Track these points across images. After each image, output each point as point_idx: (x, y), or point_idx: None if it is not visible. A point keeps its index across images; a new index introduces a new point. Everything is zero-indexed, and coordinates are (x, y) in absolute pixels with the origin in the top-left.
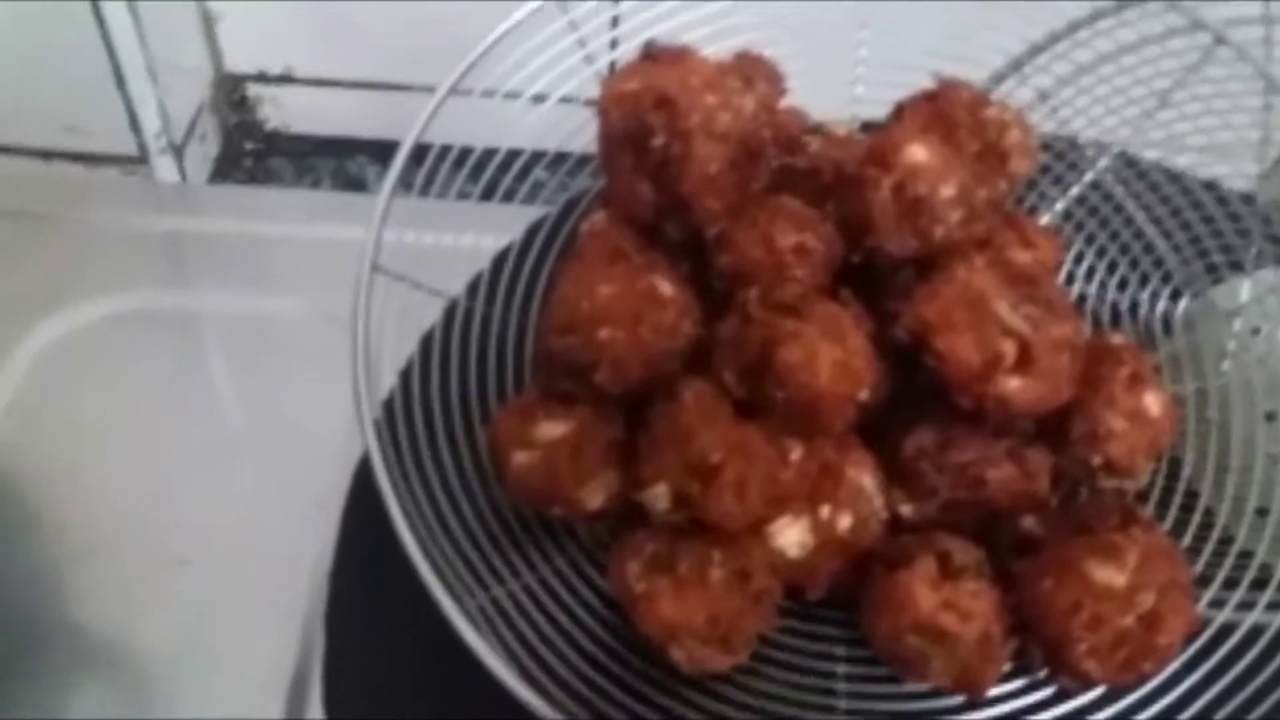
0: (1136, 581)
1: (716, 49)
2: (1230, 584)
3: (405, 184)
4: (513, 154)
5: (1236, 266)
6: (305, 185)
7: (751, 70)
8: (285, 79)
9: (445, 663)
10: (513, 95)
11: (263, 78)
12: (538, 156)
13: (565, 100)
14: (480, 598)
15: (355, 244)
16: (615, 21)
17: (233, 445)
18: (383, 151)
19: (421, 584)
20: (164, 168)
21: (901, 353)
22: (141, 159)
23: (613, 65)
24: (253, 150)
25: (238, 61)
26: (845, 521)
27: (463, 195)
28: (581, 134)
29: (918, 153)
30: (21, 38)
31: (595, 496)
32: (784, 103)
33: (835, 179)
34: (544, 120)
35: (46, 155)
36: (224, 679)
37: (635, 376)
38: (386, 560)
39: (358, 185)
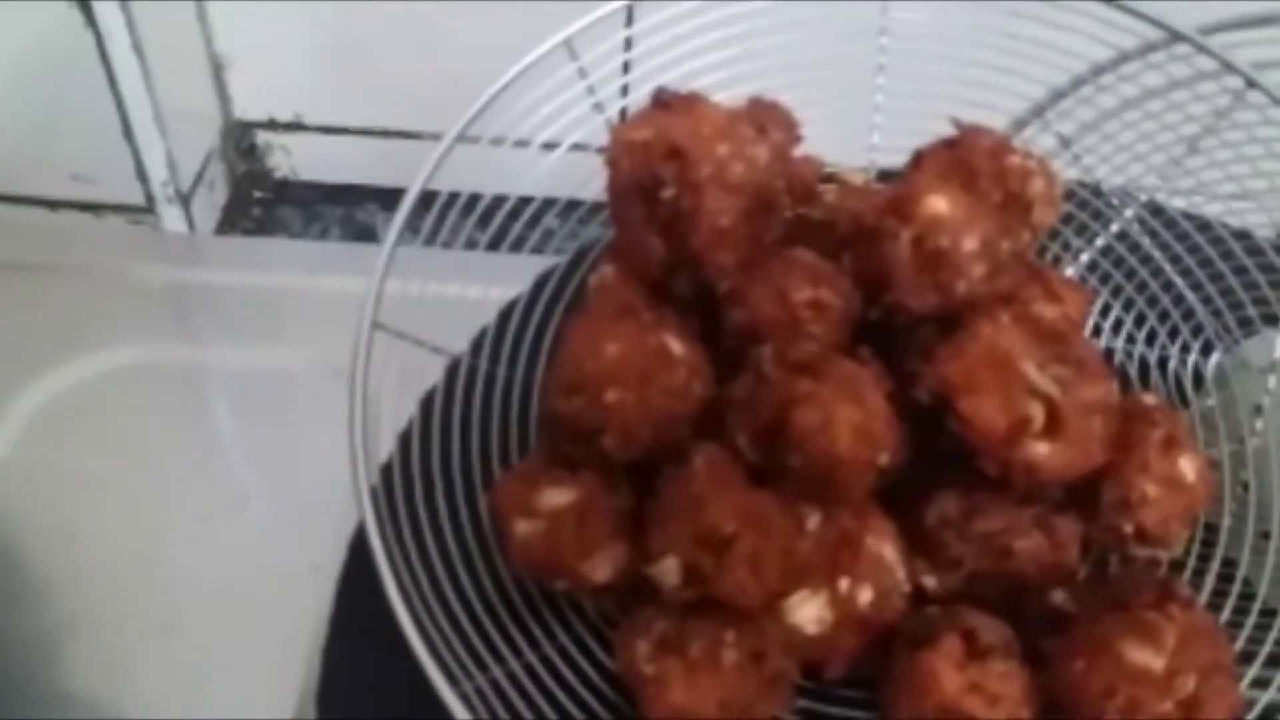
0: (1175, 664)
1: (729, 95)
2: (1274, 661)
3: (413, 230)
4: (523, 201)
5: (1270, 319)
6: (314, 233)
7: (765, 117)
8: (295, 126)
9: None
10: (522, 143)
11: (272, 125)
12: (548, 204)
13: (576, 147)
14: (479, 679)
15: (363, 296)
16: (626, 67)
17: (231, 504)
18: (393, 199)
19: (417, 662)
20: (171, 217)
21: (923, 415)
22: (148, 208)
23: (623, 112)
24: (261, 199)
25: (246, 109)
26: (865, 595)
27: (470, 244)
28: (592, 182)
29: (938, 203)
30: (28, 86)
31: (601, 569)
32: (798, 151)
33: (852, 231)
34: (554, 167)
35: (53, 205)
36: None
37: (644, 441)
38: (382, 635)
39: (367, 234)
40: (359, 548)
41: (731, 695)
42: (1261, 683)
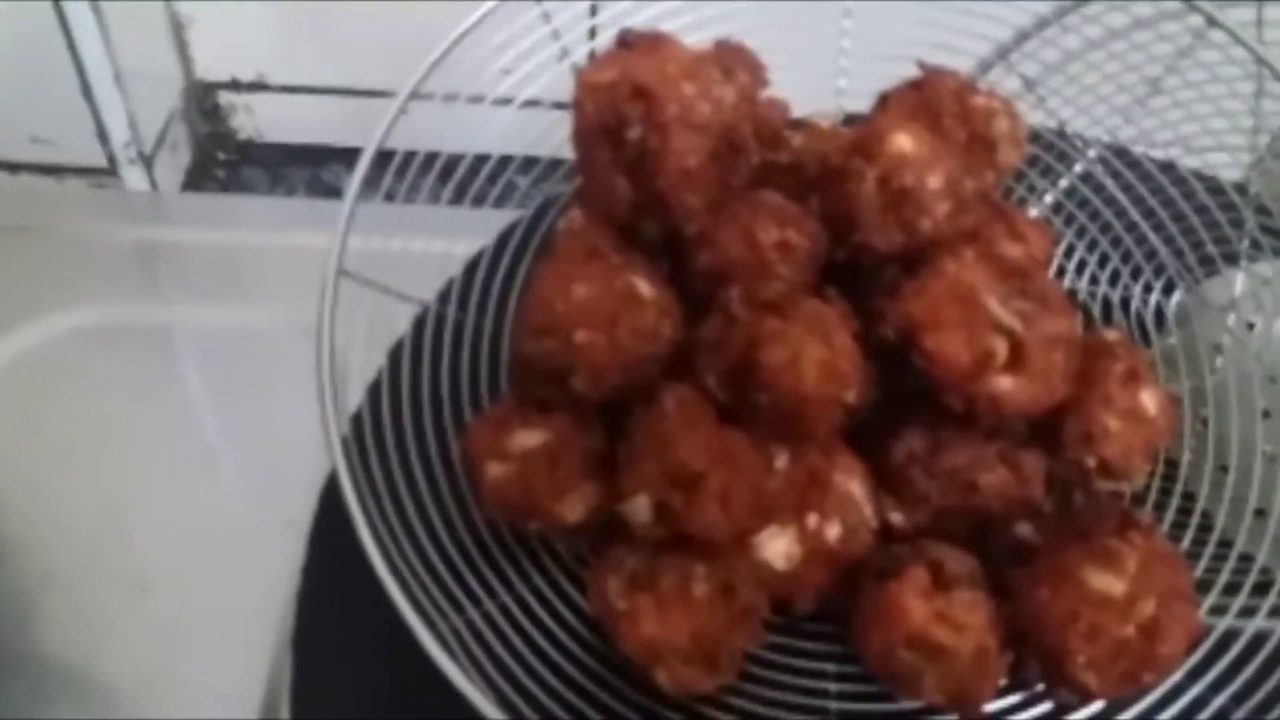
0: (1136, 589)
1: (696, 39)
2: (1231, 589)
3: (375, 187)
4: (484, 158)
5: (1231, 259)
6: (280, 194)
7: (731, 60)
8: (258, 86)
9: (419, 688)
10: (482, 97)
11: (235, 85)
12: (510, 159)
13: (537, 101)
14: (454, 620)
15: (329, 253)
16: (594, 10)
17: (201, 462)
18: (358, 159)
19: (393, 607)
20: (134, 179)
21: (889, 353)
22: (111, 170)
23: (591, 56)
24: (225, 160)
25: (209, 69)
26: (834, 531)
27: (433, 199)
28: (555, 135)
29: (903, 142)
30: None
31: (574, 509)
32: (765, 94)
33: (819, 172)
34: (517, 122)
35: (12, 168)
36: (191, 706)
37: (614, 382)
38: (356, 582)
39: (333, 194)
40: (330, 496)
41: (702, 628)
42: (1219, 609)
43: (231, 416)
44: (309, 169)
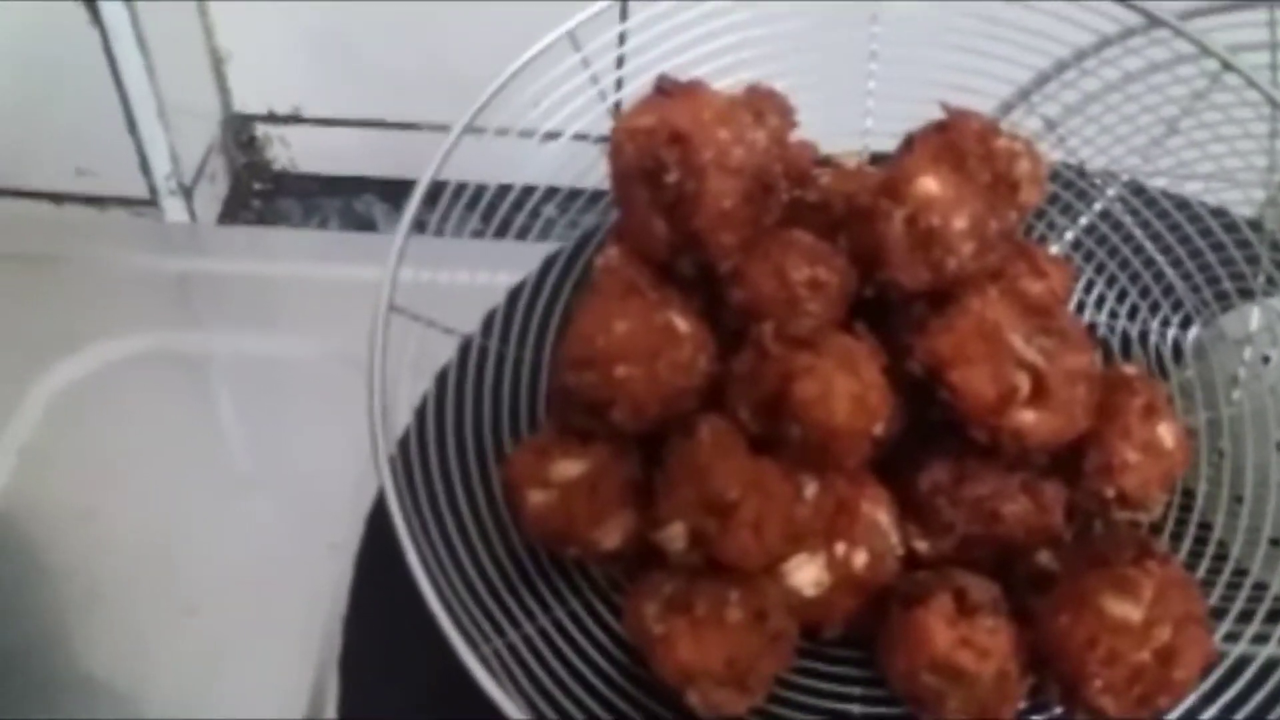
0: (1152, 615)
1: (727, 83)
2: (1245, 617)
3: (417, 223)
4: (526, 192)
5: (1246, 294)
6: (313, 225)
7: (762, 104)
8: (293, 118)
9: (461, 709)
10: (526, 134)
11: (271, 117)
12: (550, 194)
13: (578, 137)
14: (496, 643)
15: (365, 284)
16: (620, 62)
17: (244, 488)
18: (390, 190)
19: (437, 629)
20: (174, 209)
21: (916, 386)
22: (151, 201)
23: (618, 103)
24: (261, 190)
25: (246, 102)
26: (861, 559)
27: (475, 234)
28: (591, 172)
29: (930, 184)
30: (33, 81)
31: (612, 537)
32: (794, 136)
33: (847, 212)
34: (556, 158)
35: (57, 198)
36: None
37: (652, 414)
38: (401, 604)
39: (366, 224)
40: (376, 520)
41: (736, 652)
42: (1233, 636)
43: (269, 442)
44: (342, 199)
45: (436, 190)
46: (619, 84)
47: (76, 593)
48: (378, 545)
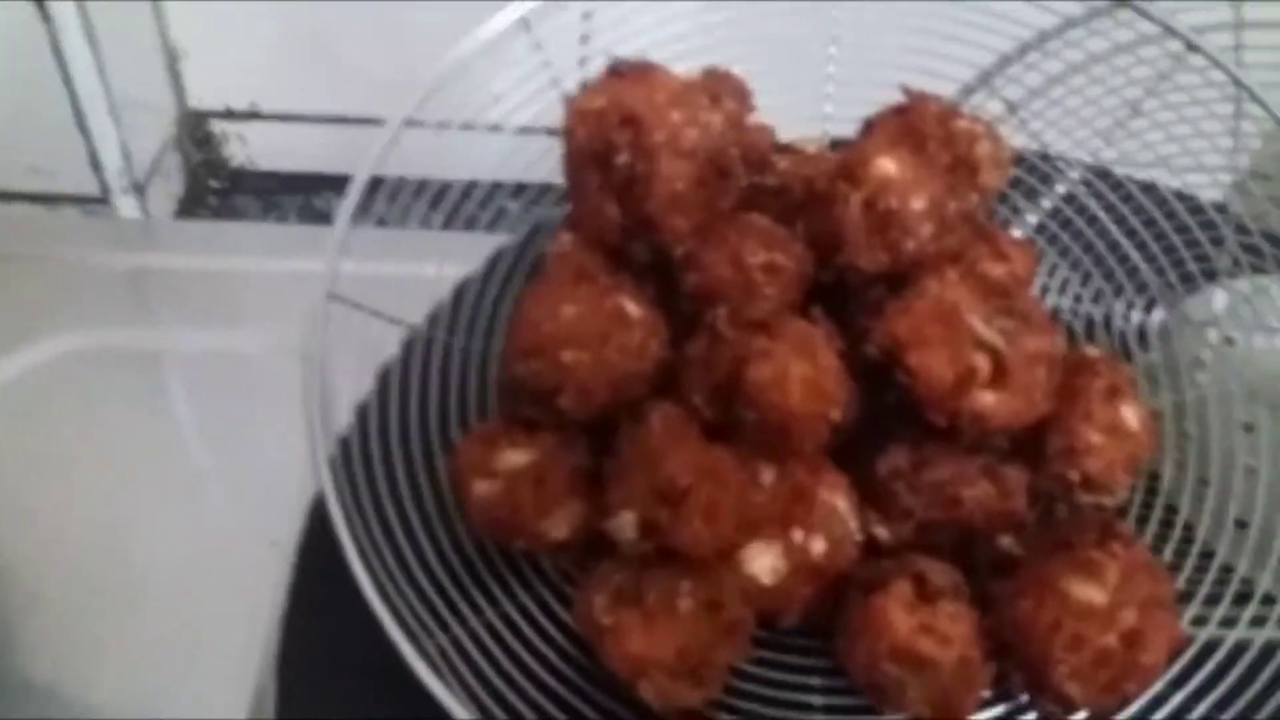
0: (1117, 599)
1: (684, 67)
2: (1212, 600)
3: (366, 212)
4: (476, 182)
5: (1211, 276)
6: (271, 222)
7: (719, 87)
8: (250, 115)
9: (405, 706)
10: (470, 125)
11: (228, 114)
12: (501, 185)
13: (529, 128)
14: (440, 638)
15: (319, 277)
16: (583, 40)
17: (191, 484)
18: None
19: (379, 625)
20: (126, 207)
21: (873, 370)
22: (104, 199)
23: (582, 87)
24: (218, 188)
25: (202, 98)
26: (819, 546)
27: (425, 224)
28: (546, 162)
29: (887, 166)
30: None
31: (560, 527)
32: (752, 120)
33: (805, 195)
34: (509, 148)
35: (7, 197)
36: None
37: (601, 401)
38: (342, 601)
39: (325, 221)
40: (317, 516)
41: (688, 643)
42: (1200, 620)
43: (220, 439)
44: (301, 196)
45: (382, 182)
46: (581, 63)
47: (17, 592)
48: (319, 541)
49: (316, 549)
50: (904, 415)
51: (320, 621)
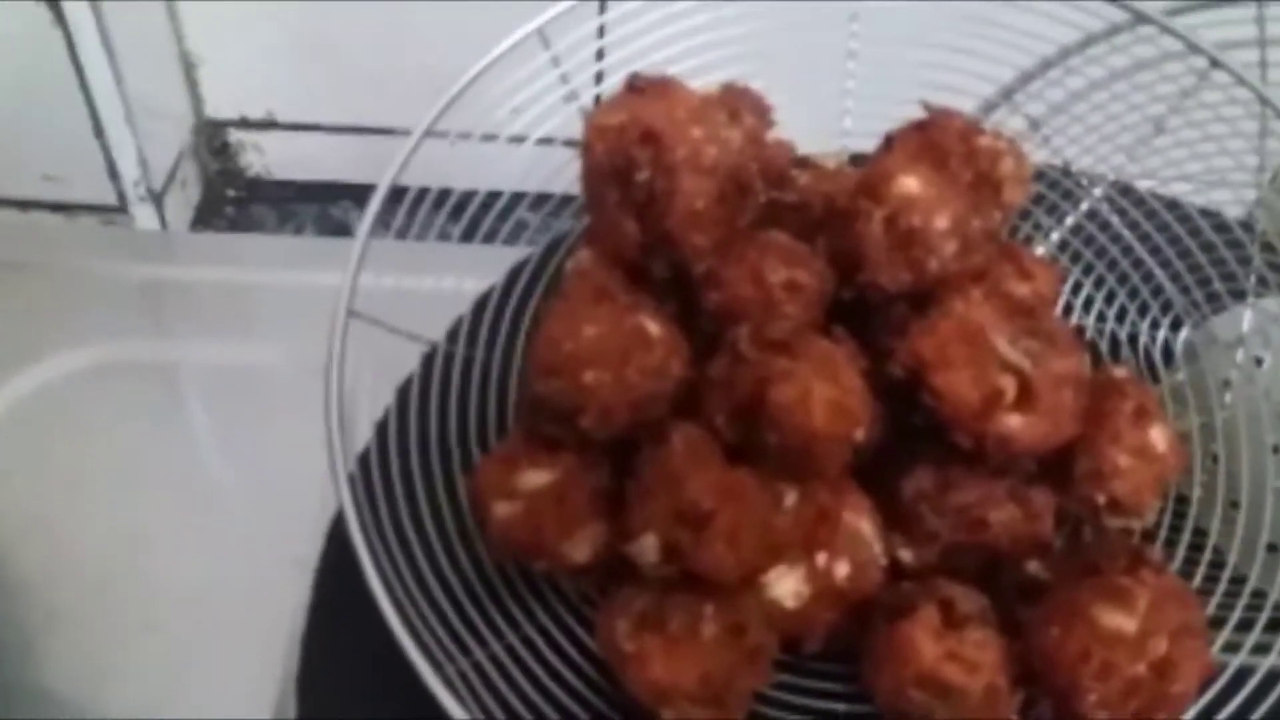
0: (1147, 627)
1: (702, 83)
2: (1244, 626)
3: (385, 225)
4: (495, 194)
5: (1238, 295)
6: (288, 231)
7: (738, 102)
8: (267, 124)
9: None
10: (494, 136)
11: (244, 123)
12: (520, 197)
13: (547, 140)
14: (461, 663)
15: (338, 291)
16: (600, 55)
17: (209, 500)
18: (367, 196)
19: (399, 648)
20: (144, 216)
21: (897, 391)
22: (121, 208)
23: (597, 100)
24: (234, 197)
25: (219, 107)
26: (843, 569)
27: (443, 236)
28: (564, 174)
29: (910, 184)
30: None
31: (581, 549)
32: (771, 135)
33: (826, 212)
34: (526, 160)
35: (23, 205)
36: None
37: (622, 421)
38: (362, 623)
39: (342, 230)
40: (337, 536)
41: (712, 669)
42: (1233, 646)
43: (239, 454)
44: (317, 206)
45: (403, 193)
46: (599, 78)
47: (35, 608)
48: (339, 561)
49: (336, 568)
50: (929, 437)
51: (341, 642)
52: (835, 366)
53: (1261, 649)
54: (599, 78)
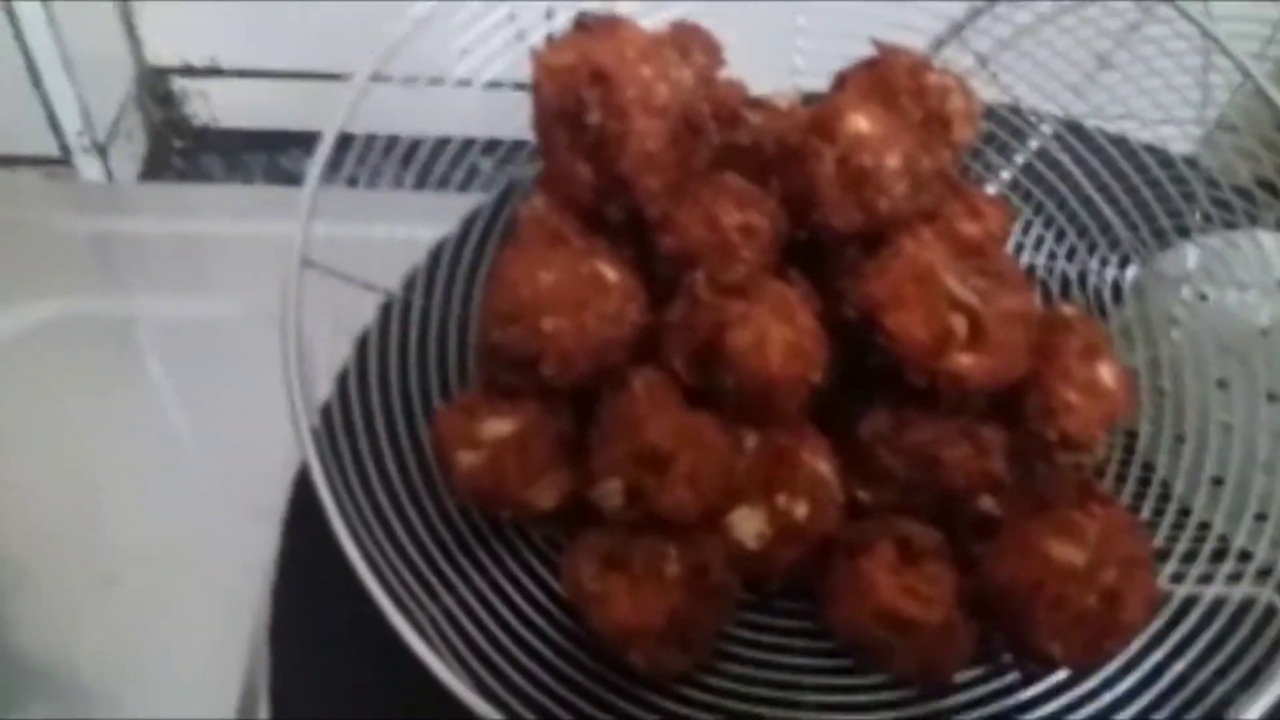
0: (1097, 558)
1: (652, 21)
2: (1190, 557)
3: (337, 171)
4: (445, 140)
5: (1184, 231)
6: (238, 181)
7: (688, 41)
8: (211, 71)
9: (396, 675)
10: (438, 80)
11: (188, 70)
12: (472, 142)
13: (497, 84)
14: (430, 608)
15: (291, 241)
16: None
17: (168, 454)
18: (316, 144)
19: (369, 597)
20: (89, 168)
21: (852, 332)
22: (64, 160)
23: (549, 40)
24: (182, 148)
25: (160, 54)
26: (802, 509)
27: (397, 184)
28: (515, 118)
29: (860, 122)
30: None
31: (545, 496)
32: (722, 75)
33: (778, 153)
34: (476, 104)
35: None
36: (168, 701)
37: (582, 367)
38: (331, 572)
39: (292, 179)
40: (303, 486)
41: (675, 608)
42: (1178, 577)
43: (196, 406)
44: (267, 155)
45: (351, 140)
46: (548, 14)
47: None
48: (305, 513)
49: (304, 519)
50: (884, 377)
51: (311, 591)
52: (791, 309)
53: (1206, 579)
54: (548, 16)
